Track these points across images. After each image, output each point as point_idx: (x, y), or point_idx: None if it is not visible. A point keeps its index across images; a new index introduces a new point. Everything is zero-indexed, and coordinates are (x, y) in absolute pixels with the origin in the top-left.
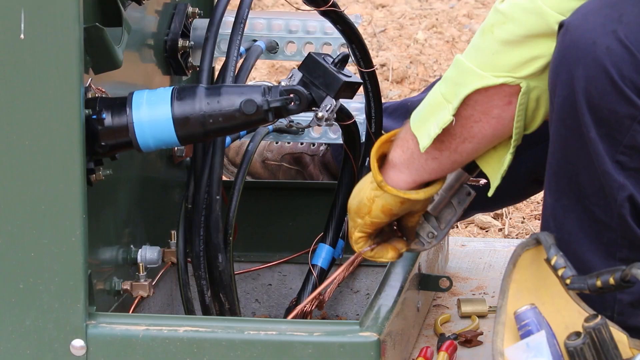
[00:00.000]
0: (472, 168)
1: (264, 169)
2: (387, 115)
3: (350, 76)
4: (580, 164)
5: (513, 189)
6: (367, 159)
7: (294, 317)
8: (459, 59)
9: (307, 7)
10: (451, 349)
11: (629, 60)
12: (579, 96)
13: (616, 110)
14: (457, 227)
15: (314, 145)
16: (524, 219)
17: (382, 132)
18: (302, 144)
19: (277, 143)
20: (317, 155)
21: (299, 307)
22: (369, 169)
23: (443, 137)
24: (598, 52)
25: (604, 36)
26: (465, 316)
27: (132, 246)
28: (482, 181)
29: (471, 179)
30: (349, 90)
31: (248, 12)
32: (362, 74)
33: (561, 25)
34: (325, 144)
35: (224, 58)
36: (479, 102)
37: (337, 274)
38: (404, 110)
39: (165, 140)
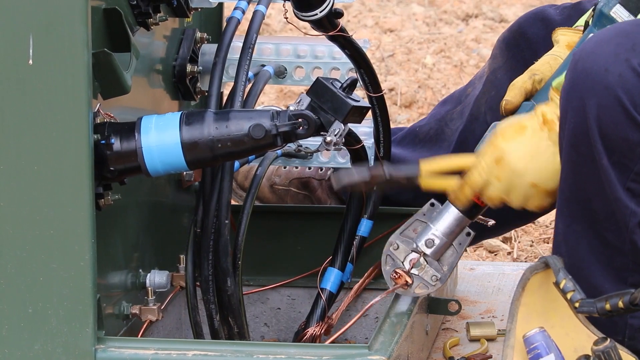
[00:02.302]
0: (473, 213)
1: (272, 194)
2: (395, 144)
3: (359, 100)
4: (592, 191)
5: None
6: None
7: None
8: None
9: (316, 32)
10: None
11: None
12: (591, 124)
13: (628, 138)
14: (467, 250)
15: (321, 169)
16: (532, 242)
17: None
18: (309, 168)
19: (284, 168)
20: (324, 180)
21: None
22: None
23: None
24: (610, 79)
25: (616, 64)
26: (474, 339)
27: (140, 270)
28: (491, 222)
29: (480, 217)
30: (358, 114)
31: (256, 37)
32: (370, 98)
33: (574, 54)
34: (332, 168)
35: (233, 83)
36: None
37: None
38: (412, 137)
39: (173, 164)
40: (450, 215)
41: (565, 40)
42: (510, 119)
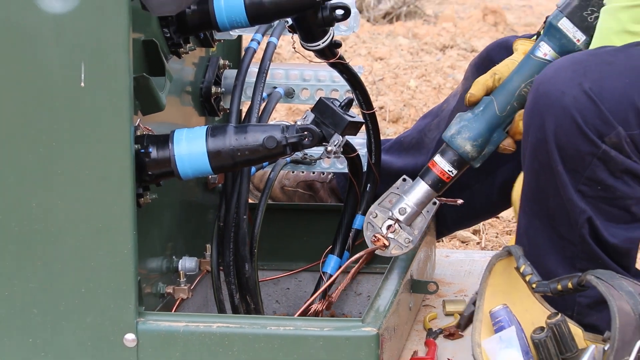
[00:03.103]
0: (439, 187)
1: (282, 194)
2: (384, 152)
3: (354, 117)
4: (549, 192)
5: (489, 203)
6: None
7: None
8: None
9: (318, 60)
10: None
11: (592, 108)
12: (549, 137)
13: (580, 149)
14: (442, 241)
15: (323, 174)
16: (497, 234)
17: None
18: (313, 173)
19: (293, 172)
20: (326, 182)
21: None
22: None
23: None
24: (566, 101)
25: (571, 88)
26: (449, 314)
27: (174, 257)
28: (459, 201)
29: (449, 200)
30: (353, 128)
31: (269, 64)
32: (364, 115)
33: (535, 79)
34: (332, 173)
35: (250, 102)
36: None
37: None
38: (398, 146)
39: (201, 170)
40: (420, 188)
41: (523, 48)
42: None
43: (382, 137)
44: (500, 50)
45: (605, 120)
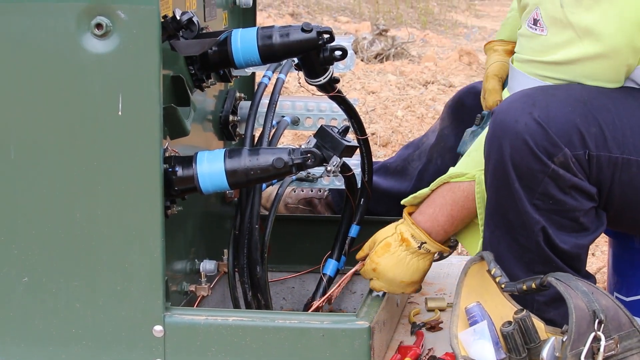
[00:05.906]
0: None
1: (286, 210)
2: (373, 172)
3: (350, 141)
4: (508, 206)
5: None
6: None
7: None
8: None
9: (320, 93)
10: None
11: (541, 133)
12: (506, 159)
13: (532, 167)
14: None
15: (320, 191)
16: None
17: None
18: (312, 190)
19: (294, 191)
20: (323, 199)
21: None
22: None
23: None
24: (519, 127)
25: (523, 116)
26: (431, 310)
27: (196, 260)
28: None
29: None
30: (349, 151)
31: (278, 96)
32: (358, 140)
33: (493, 111)
34: (328, 190)
35: (261, 128)
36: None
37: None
38: (384, 170)
39: (220, 186)
40: None
41: (501, 48)
42: (381, 235)
43: (374, 160)
44: (469, 95)
45: (553, 143)
